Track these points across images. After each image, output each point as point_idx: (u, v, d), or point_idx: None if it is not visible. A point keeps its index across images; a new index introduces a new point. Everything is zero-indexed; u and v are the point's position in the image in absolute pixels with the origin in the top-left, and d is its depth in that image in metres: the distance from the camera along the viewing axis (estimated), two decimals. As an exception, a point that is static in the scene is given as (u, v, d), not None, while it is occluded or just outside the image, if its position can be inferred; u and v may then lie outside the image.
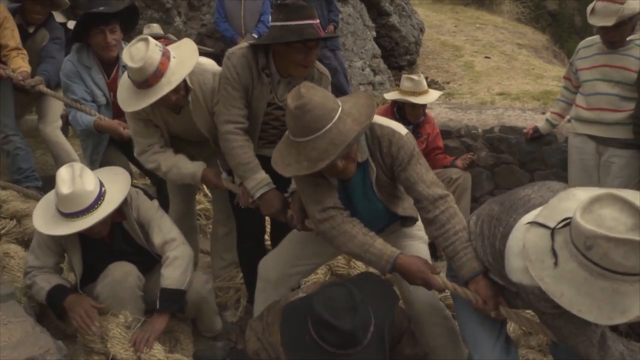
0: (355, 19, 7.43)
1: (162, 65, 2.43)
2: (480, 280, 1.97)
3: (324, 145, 1.90)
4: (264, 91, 2.48)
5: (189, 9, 5.89)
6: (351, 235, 2.09)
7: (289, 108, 1.93)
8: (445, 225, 2.04)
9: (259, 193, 2.45)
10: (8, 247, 2.92)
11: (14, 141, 3.82)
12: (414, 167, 2.08)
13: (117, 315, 2.46)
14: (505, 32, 10.97)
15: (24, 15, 3.87)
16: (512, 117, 4.65)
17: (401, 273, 2.08)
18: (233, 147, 2.46)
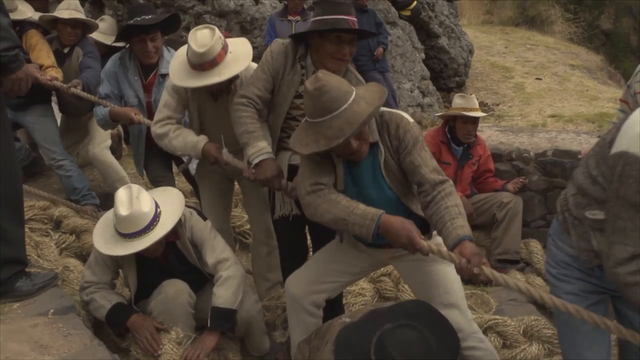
0: (404, 41, 7.45)
1: (219, 56, 2.63)
2: (464, 243, 1.96)
3: (340, 124, 2.03)
4: (295, 79, 2.57)
5: (241, 32, 6.05)
6: (336, 201, 2.15)
7: (308, 90, 2.06)
8: (439, 202, 2.08)
9: (257, 159, 2.51)
10: (68, 261, 3.04)
11: (64, 165, 4.03)
12: (419, 152, 2.16)
13: (169, 332, 2.51)
14: (557, 53, 10.77)
15: (59, 39, 4.16)
16: (566, 140, 4.54)
17: (386, 232, 2.07)
18: (241, 116, 2.56)
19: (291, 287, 2.52)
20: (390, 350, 1.83)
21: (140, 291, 2.68)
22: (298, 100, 2.60)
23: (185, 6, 5.78)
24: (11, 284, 2.43)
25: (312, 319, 2.50)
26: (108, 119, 3.35)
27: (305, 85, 2.09)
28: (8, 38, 2.22)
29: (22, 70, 2.33)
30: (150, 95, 3.40)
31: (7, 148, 2.43)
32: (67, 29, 4.09)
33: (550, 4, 13.44)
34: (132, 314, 2.56)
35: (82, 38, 4.21)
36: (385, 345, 1.85)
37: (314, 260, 2.61)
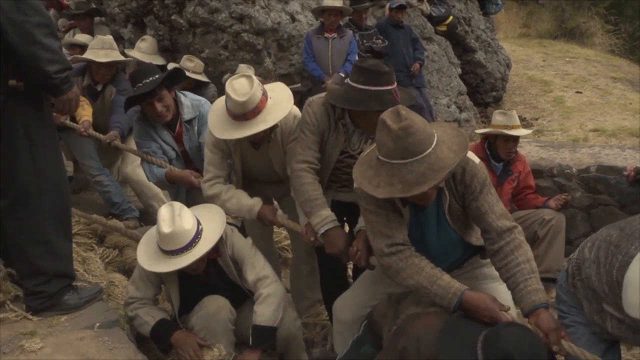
0: (441, 56, 7.42)
1: (261, 103, 2.60)
2: (540, 313, 1.91)
3: (423, 170, 1.88)
4: (339, 139, 2.57)
5: (279, 50, 6.13)
6: (419, 268, 2.06)
7: (390, 128, 1.89)
8: (509, 256, 2.01)
9: (323, 229, 2.46)
10: (113, 276, 3.11)
11: (101, 181, 4.12)
12: (486, 197, 2.08)
13: (212, 348, 2.54)
14: (597, 65, 10.52)
15: (91, 76, 4.16)
16: (610, 155, 4.42)
17: (468, 309, 2.00)
18: (303, 184, 2.52)
19: (340, 312, 2.52)
20: (502, 343, 1.80)
21: (182, 307, 2.72)
22: (342, 156, 2.63)
23: (223, 25, 5.90)
24: (59, 298, 2.50)
25: None
26: (165, 181, 3.32)
27: (384, 121, 1.92)
28: (60, 61, 2.32)
29: (72, 91, 2.42)
30: (182, 144, 3.36)
31: (55, 165, 2.52)
32: (102, 70, 4.10)
33: (589, 16, 13.19)
34: (175, 330, 2.60)
35: (117, 74, 4.21)
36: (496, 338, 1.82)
37: (362, 284, 2.58)
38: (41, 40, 2.23)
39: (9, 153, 2.36)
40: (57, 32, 2.41)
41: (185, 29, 5.99)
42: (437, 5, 7.87)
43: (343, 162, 2.65)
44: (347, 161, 2.64)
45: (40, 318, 2.45)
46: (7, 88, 2.30)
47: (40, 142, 2.42)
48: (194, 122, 3.31)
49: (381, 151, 1.97)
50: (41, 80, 2.32)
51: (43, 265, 2.45)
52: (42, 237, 2.44)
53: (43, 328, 2.38)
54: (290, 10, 6.21)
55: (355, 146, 2.61)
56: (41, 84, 2.35)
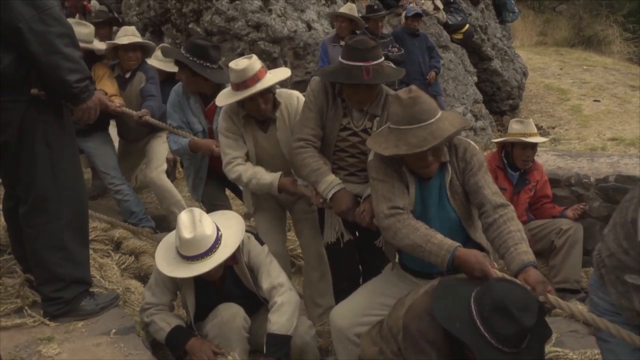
0: (457, 64, 7.41)
1: (260, 73, 2.81)
2: (528, 269, 2.01)
3: (424, 135, 2.14)
4: (338, 114, 2.67)
5: (294, 58, 6.17)
6: (415, 227, 2.20)
7: (401, 98, 2.17)
8: (501, 226, 2.15)
9: (331, 193, 2.57)
10: (129, 282, 3.13)
11: (122, 190, 4.18)
12: (483, 175, 2.28)
13: (226, 356, 2.54)
14: (616, 74, 10.42)
15: (120, 66, 4.34)
16: (629, 165, 4.35)
17: (460, 264, 2.12)
18: (304, 158, 2.64)
19: (336, 318, 2.57)
20: (496, 291, 1.90)
21: (197, 313, 2.73)
22: (343, 132, 2.69)
23: (240, 33, 5.95)
24: (76, 304, 2.53)
25: (358, 348, 2.51)
26: (187, 149, 3.48)
27: (398, 94, 2.21)
28: (80, 70, 2.35)
29: (92, 100, 2.46)
30: (211, 122, 3.51)
31: (74, 172, 2.55)
32: (128, 54, 4.26)
33: (607, 24, 13.09)
34: (190, 337, 2.61)
35: (142, 63, 4.37)
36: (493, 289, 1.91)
37: (360, 293, 2.64)
38: (62, 50, 2.27)
39: (28, 160, 2.40)
40: (77, 42, 2.44)
41: (202, 37, 6.05)
42: (454, 13, 7.87)
43: (347, 140, 2.71)
44: (350, 139, 2.70)
45: (57, 324, 2.48)
46: (29, 96, 2.34)
47: (59, 149, 2.46)
48: None
49: (392, 120, 2.26)
50: (61, 89, 2.36)
51: (61, 272, 2.48)
52: (60, 243, 2.47)
53: (60, 334, 2.41)
54: (307, 18, 6.26)
55: (358, 122, 2.69)
56: (61, 92, 2.38)
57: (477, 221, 2.37)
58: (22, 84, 2.32)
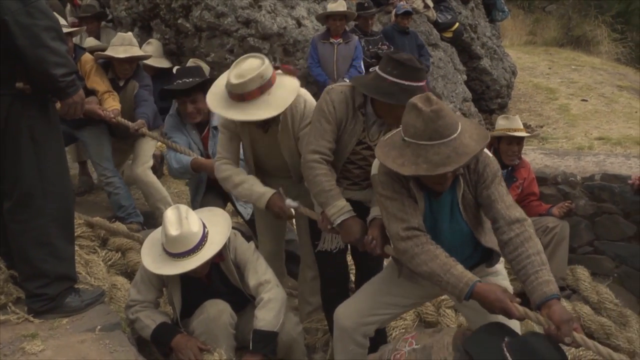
0: (446, 62, 7.42)
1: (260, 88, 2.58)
2: (552, 304, 1.90)
3: (447, 152, 1.96)
4: (357, 128, 2.52)
5: (284, 55, 6.14)
6: (434, 255, 2.08)
7: (422, 110, 1.96)
8: (519, 248, 2.02)
9: (339, 219, 2.44)
10: (116, 279, 3.11)
11: (113, 182, 4.16)
12: (497, 187, 2.13)
13: (212, 353, 2.53)
14: (603, 74, 10.49)
15: (114, 70, 4.26)
16: (615, 164, 4.41)
17: (479, 300, 2.02)
18: (317, 175, 2.48)
19: (342, 318, 2.50)
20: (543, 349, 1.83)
21: (184, 310, 2.72)
22: (359, 147, 2.57)
23: (229, 30, 5.92)
24: (61, 300, 2.51)
25: (359, 349, 2.50)
26: (189, 168, 3.41)
27: (415, 104, 1.99)
28: (66, 64, 2.33)
29: (78, 95, 2.43)
30: (207, 148, 3.52)
31: (59, 167, 2.53)
32: (124, 66, 4.20)
33: (596, 24, 13.17)
34: (176, 334, 2.60)
35: (137, 69, 4.32)
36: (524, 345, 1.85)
37: (365, 292, 2.56)
38: (49, 43, 2.25)
39: (13, 155, 2.38)
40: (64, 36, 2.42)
41: (191, 33, 6.02)
42: (443, 11, 7.88)
43: (359, 154, 2.59)
44: (363, 153, 2.59)
45: (41, 320, 2.45)
46: (14, 90, 2.31)
47: (45, 144, 2.43)
48: None
49: (408, 132, 2.02)
50: (47, 83, 2.33)
51: (45, 268, 2.46)
52: (45, 239, 2.45)
53: (44, 330, 2.39)
54: (297, 15, 6.24)
55: (374, 137, 2.55)
56: (48, 86, 2.36)
57: (487, 223, 2.27)
58: (7, 77, 2.29)
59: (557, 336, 1.86)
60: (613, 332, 3.53)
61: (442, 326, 3.38)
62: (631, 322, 3.69)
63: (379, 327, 2.53)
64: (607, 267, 4.28)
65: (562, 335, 1.84)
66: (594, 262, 4.30)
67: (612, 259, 4.28)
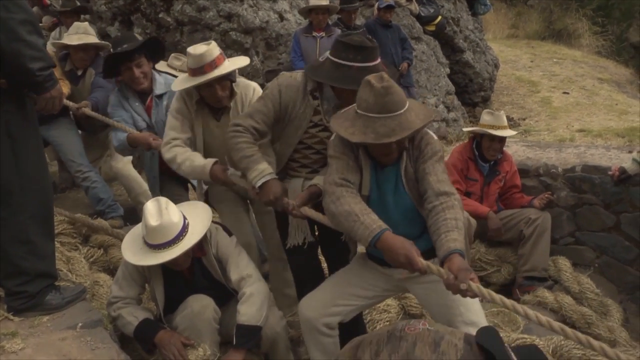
0: (429, 55, 7.45)
1: (218, 59, 2.78)
2: (453, 257, 1.97)
3: (393, 126, 2.13)
4: (307, 112, 2.59)
5: (266, 49, 6.11)
6: (359, 201, 2.20)
7: (374, 86, 2.12)
8: (439, 214, 2.12)
9: (260, 182, 2.50)
10: (98, 275, 3.09)
11: (90, 177, 4.12)
12: (433, 163, 2.26)
13: (197, 348, 2.52)
14: (584, 67, 10.62)
15: (72, 61, 4.23)
16: (596, 155, 4.45)
17: (385, 247, 2.08)
18: (238, 142, 2.54)
19: (304, 309, 2.54)
20: None
21: (167, 306, 2.70)
22: (313, 129, 2.62)
23: (211, 24, 5.87)
24: (41, 298, 2.47)
25: (328, 339, 2.51)
26: (127, 144, 3.41)
27: (369, 80, 2.14)
28: (43, 58, 2.29)
29: (56, 89, 2.40)
30: (151, 118, 3.52)
31: (38, 163, 2.49)
32: (79, 54, 4.16)
33: (577, 17, 13.31)
34: (159, 330, 2.58)
35: (96, 58, 4.27)
36: None
37: (328, 283, 2.62)
38: (25, 37, 2.21)
39: (-10, 151, 2.33)
40: (41, 30, 2.38)
41: (172, 27, 5.96)
42: (426, 5, 7.90)
43: (316, 136, 2.64)
44: (319, 135, 2.64)
45: (21, 318, 2.42)
46: (-11, 85, 2.27)
47: (22, 140, 2.39)
48: (164, 98, 3.49)
49: (361, 106, 2.19)
50: (24, 78, 2.29)
51: (25, 265, 2.42)
52: (24, 236, 2.42)
53: (24, 328, 2.36)
54: (279, 9, 6.20)
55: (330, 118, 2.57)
56: (24, 81, 2.32)
57: None
58: None
59: (454, 285, 1.92)
60: (594, 322, 3.57)
61: (427, 318, 3.40)
62: (612, 311, 3.75)
63: (342, 319, 2.53)
64: (588, 257, 4.33)
65: (459, 282, 1.91)
66: (575, 252, 4.35)
67: (592, 249, 4.33)
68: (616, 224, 4.20)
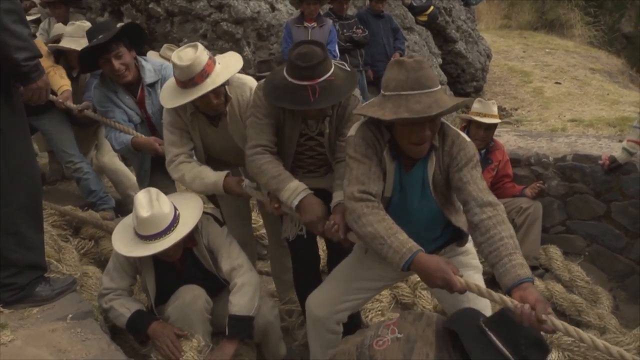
0: (421, 46, 7.43)
1: (208, 66, 2.55)
2: (527, 286, 1.84)
3: (429, 102, 1.95)
4: (296, 121, 2.48)
5: (258, 39, 6.07)
6: (382, 218, 2.04)
7: (405, 62, 1.99)
8: (491, 230, 1.96)
9: (296, 201, 2.36)
10: (87, 267, 3.07)
11: (81, 168, 4.06)
12: (470, 170, 2.09)
13: (191, 339, 2.52)
14: (577, 57, 10.63)
15: (67, 60, 4.09)
16: (586, 145, 4.48)
17: (419, 270, 1.97)
18: (261, 164, 2.44)
19: (314, 308, 2.48)
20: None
21: (158, 297, 2.70)
22: (301, 139, 2.54)
23: (202, 14, 5.83)
24: (31, 289, 2.46)
25: (333, 336, 2.49)
26: (131, 148, 3.25)
27: (398, 60, 2.02)
28: (28, 48, 2.26)
29: (42, 80, 2.37)
30: (145, 110, 3.31)
31: (26, 155, 2.47)
32: None
33: (569, 8, 13.30)
34: (152, 321, 2.57)
35: None
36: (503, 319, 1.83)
37: (335, 279, 2.53)
38: (9, 26, 2.18)
39: (-23, 143, 2.31)
40: (26, 20, 2.35)
41: (163, 17, 5.92)
42: (418, -5, 7.87)
43: (304, 144, 2.57)
44: (308, 143, 2.57)
45: (11, 310, 2.41)
46: (-25, 76, 2.25)
47: (10, 131, 2.37)
48: (157, 86, 3.24)
49: (389, 87, 2.02)
50: (10, 68, 2.27)
51: (14, 257, 2.41)
52: (13, 228, 2.40)
53: (14, 320, 2.34)
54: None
55: (312, 127, 2.52)
56: (10, 71, 2.29)
57: (457, 203, 2.25)
58: None
59: (530, 317, 1.78)
60: (584, 309, 3.60)
61: (419, 307, 3.42)
62: (602, 299, 3.78)
63: (352, 312, 2.52)
64: (578, 245, 4.36)
65: (537, 314, 1.77)
66: (566, 241, 4.38)
67: (583, 237, 4.36)
68: (606, 213, 4.23)
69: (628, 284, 4.19)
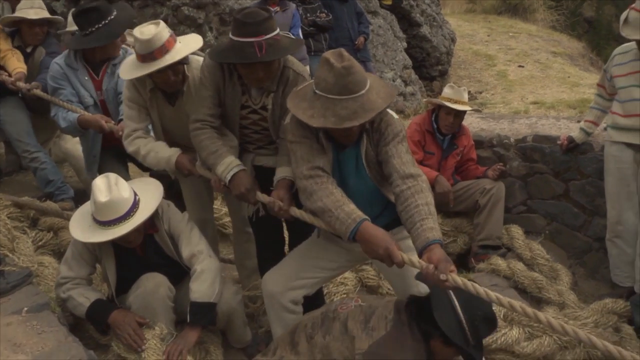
0: (386, 30, 7.43)
1: (168, 43, 2.59)
2: (434, 248, 1.94)
3: (355, 108, 2.04)
4: (236, 91, 2.52)
5: (220, 24, 5.98)
6: (330, 192, 2.12)
7: (334, 66, 2.02)
8: (409, 199, 2.06)
9: (229, 175, 2.45)
10: (43, 258, 2.99)
11: (38, 157, 3.96)
12: (396, 145, 2.19)
13: (153, 327, 2.49)
14: (539, 40, 10.80)
15: (22, 37, 4.04)
16: (546, 126, 4.55)
17: (364, 239, 2.04)
18: (202, 140, 2.51)
19: (269, 284, 2.50)
20: None
21: (120, 286, 2.66)
22: (243, 111, 2.56)
23: (162, -2, 5.71)
24: (-16, 283, 2.40)
25: (292, 315, 2.49)
26: (77, 126, 3.26)
27: (328, 59, 2.04)
28: None
29: None
30: (102, 93, 3.36)
31: None
32: (35, 29, 3.99)
33: (532, -8, 13.48)
34: (112, 310, 2.53)
35: (46, 36, 4.11)
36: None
37: (291, 257, 2.59)
38: None
39: None
40: None
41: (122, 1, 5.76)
42: (382, -21, 7.86)
43: (247, 118, 2.59)
44: (251, 117, 2.58)
45: (-35, 305, 2.35)
46: None
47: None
48: (118, 66, 3.29)
49: (319, 86, 2.08)
50: None
51: (-35, 250, 2.34)
52: (-36, 220, 2.33)
53: (-33, 315, 2.29)
54: (232, -17, 6.07)
55: (256, 100, 2.54)
56: None
57: None
58: None
59: (433, 275, 1.90)
60: (545, 286, 3.68)
61: (384, 290, 3.45)
62: (561, 275, 3.86)
63: (307, 292, 2.52)
64: (539, 224, 4.45)
65: (439, 273, 1.89)
66: (527, 220, 4.46)
67: (543, 216, 4.44)
68: (565, 192, 4.32)
69: (586, 260, 4.30)
